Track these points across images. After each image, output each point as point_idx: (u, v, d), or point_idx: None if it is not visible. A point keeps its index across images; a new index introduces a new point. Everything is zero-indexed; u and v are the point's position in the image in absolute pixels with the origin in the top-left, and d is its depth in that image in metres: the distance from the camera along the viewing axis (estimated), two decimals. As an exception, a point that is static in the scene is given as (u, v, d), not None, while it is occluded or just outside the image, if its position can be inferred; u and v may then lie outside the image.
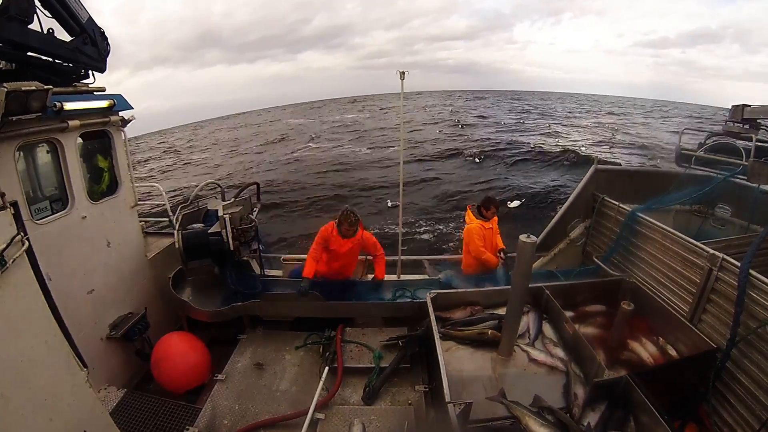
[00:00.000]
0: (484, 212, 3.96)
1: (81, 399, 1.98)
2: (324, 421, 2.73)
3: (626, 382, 2.36)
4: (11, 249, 1.62)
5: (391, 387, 3.06)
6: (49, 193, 2.98)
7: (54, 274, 2.56)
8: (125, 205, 3.57)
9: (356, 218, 3.54)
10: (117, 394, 3.13)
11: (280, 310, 3.68)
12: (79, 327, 2.88)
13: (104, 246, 3.32)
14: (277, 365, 3.30)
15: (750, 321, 2.52)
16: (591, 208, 4.50)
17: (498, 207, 4.02)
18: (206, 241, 3.56)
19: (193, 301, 3.71)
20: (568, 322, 2.93)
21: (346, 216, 3.50)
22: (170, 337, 3.39)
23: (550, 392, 2.52)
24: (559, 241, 4.71)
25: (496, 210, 3.99)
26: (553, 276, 3.95)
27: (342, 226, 3.53)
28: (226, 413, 2.86)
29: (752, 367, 2.47)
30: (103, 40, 3.11)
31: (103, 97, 3.19)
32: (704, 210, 4.85)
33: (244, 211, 3.84)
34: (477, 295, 3.39)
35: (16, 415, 1.64)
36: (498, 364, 2.84)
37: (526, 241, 2.43)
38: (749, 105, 5.18)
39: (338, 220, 3.57)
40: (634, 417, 2.30)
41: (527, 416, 2.26)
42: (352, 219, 3.51)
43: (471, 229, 3.91)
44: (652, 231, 3.57)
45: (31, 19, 2.49)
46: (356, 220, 3.54)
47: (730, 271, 2.71)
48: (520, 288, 2.65)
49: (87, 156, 3.26)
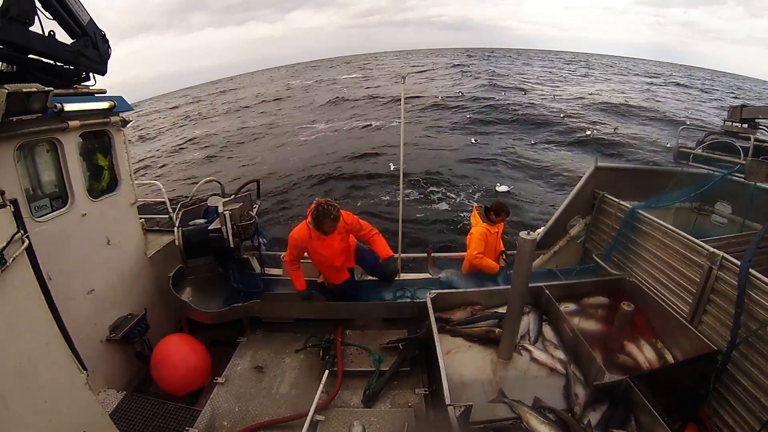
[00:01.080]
0: (492, 217, 3.85)
1: (80, 401, 1.97)
2: (324, 423, 2.72)
3: (626, 384, 2.35)
4: (11, 247, 1.62)
5: (391, 390, 3.05)
6: (49, 191, 2.98)
7: (54, 273, 2.56)
8: (125, 203, 3.57)
9: (336, 207, 3.05)
10: (116, 396, 3.12)
11: (281, 311, 3.67)
12: (79, 329, 2.88)
13: (104, 244, 3.31)
14: (277, 368, 3.29)
15: (750, 322, 2.51)
16: (591, 205, 4.51)
17: (508, 214, 3.91)
18: (206, 239, 3.56)
19: (193, 301, 3.70)
20: (568, 323, 2.92)
21: (324, 212, 2.98)
22: (170, 339, 3.38)
23: (550, 395, 2.51)
24: (559, 239, 4.71)
25: (506, 217, 3.88)
26: (553, 275, 3.95)
27: (323, 225, 3.04)
28: (226, 415, 2.85)
29: (752, 369, 2.47)
30: (104, 42, 3.12)
31: (104, 99, 3.20)
32: (704, 207, 4.87)
33: (245, 207, 3.84)
34: (477, 295, 3.38)
35: (15, 417, 1.63)
36: (498, 367, 2.83)
37: (526, 238, 2.41)
38: (747, 105, 5.22)
39: (315, 220, 3.04)
40: (635, 418, 2.30)
41: (528, 414, 2.26)
42: (333, 212, 2.99)
43: (474, 233, 3.84)
44: (653, 228, 3.57)
45: (32, 22, 2.50)
46: (337, 210, 3.05)
47: (730, 270, 2.70)
48: (521, 287, 2.64)
49: (87, 154, 3.26)
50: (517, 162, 15.75)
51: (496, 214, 3.85)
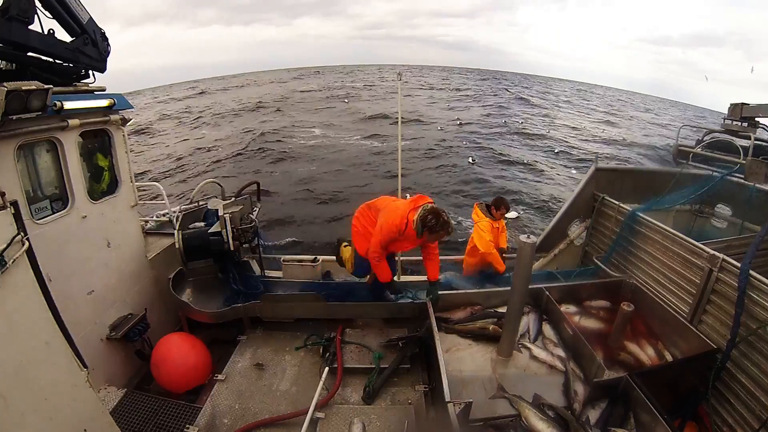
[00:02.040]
0: (494, 211, 3.92)
1: (81, 399, 1.98)
2: (324, 420, 2.73)
3: (626, 382, 2.36)
4: (11, 249, 1.62)
5: (391, 387, 3.06)
6: (50, 193, 2.98)
7: (54, 274, 2.56)
8: (125, 205, 3.56)
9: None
10: (117, 393, 3.13)
11: (281, 311, 3.68)
12: (79, 328, 2.88)
13: (104, 246, 3.31)
14: (277, 366, 3.30)
15: (750, 321, 2.52)
16: (591, 208, 4.51)
17: (508, 209, 3.99)
18: (206, 242, 3.56)
19: (193, 302, 3.71)
20: (567, 321, 2.93)
21: (444, 224, 2.88)
22: (170, 338, 3.38)
23: (549, 392, 2.52)
24: (559, 242, 4.72)
25: (506, 211, 3.96)
26: (553, 277, 3.96)
27: (437, 233, 2.89)
28: (226, 412, 2.87)
29: (752, 368, 2.48)
30: (103, 40, 3.11)
31: (104, 97, 3.19)
32: (704, 210, 4.87)
33: (245, 210, 3.84)
34: (477, 295, 3.40)
35: (16, 415, 1.64)
36: (498, 365, 2.85)
37: (526, 241, 2.43)
38: (748, 104, 5.19)
39: (430, 225, 2.85)
40: (634, 415, 2.31)
41: (528, 410, 2.27)
42: (448, 229, 2.91)
43: (480, 225, 3.88)
44: (652, 231, 3.57)
45: (32, 20, 2.49)
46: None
47: (730, 272, 2.71)
48: (520, 289, 2.65)
49: (87, 155, 3.25)
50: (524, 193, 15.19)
51: (497, 208, 3.91)
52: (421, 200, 3.01)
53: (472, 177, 15.79)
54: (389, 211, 3.01)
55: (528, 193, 14.18)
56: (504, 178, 16.06)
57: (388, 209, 3.05)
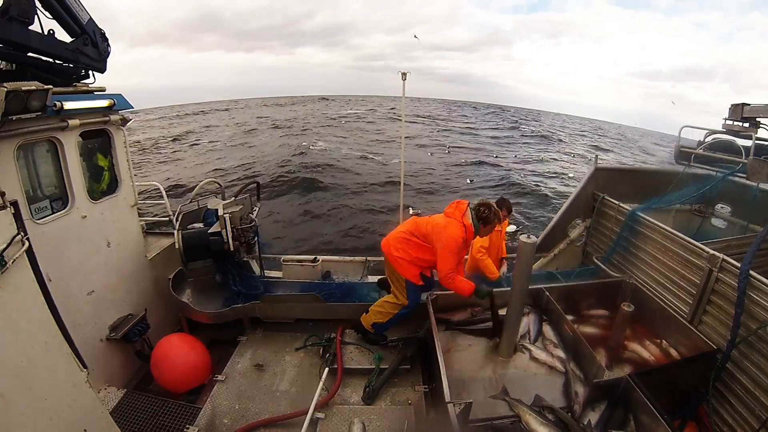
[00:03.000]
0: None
1: (81, 399, 1.98)
2: (324, 420, 2.74)
3: (626, 382, 2.36)
4: (11, 249, 1.62)
5: (391, 387, 3.07)
6: (50, 193, 2.98)
7: (54, 274, 2.56)
8: (125, 205, 3.56)
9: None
10: (117, 394, 3.12)
11: (281, 311, 3.68)
12: (79, 328, 2.89)
13: (104, 246, 3.31)
14: (277, 366, 3.30)
15: (750, 322, 2.52)
16: (591, 207, 4.50)
17: (510, 210, 3.83)
18: (206, 242, 3.55)
19: (193, 302, 3.71)
20: (568, 323, 2.93)
21: (496, 214, 3.03)
22: (170, 338, 3.38)
23: (550, 393, 2.52)
24: (559, 242, 4.71)
25: (508, 213, 3.78)
26: (553, 277, 3.95)
27: (491, 223, 3.03)
28: (226, 412, 2.87)
29: (752, 368, 2.48)
30: (103, 41, 3.11)
31: (104, 97, 3.19)
32: (704, 209, 4.85)
33: (245, 210, 3.83)
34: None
35: (16, 416, 1.64)
36: (498, 365, 2.84)
37: (526, 241, 2.43)
38: (749, 104, 5.17)
39: (486, 217, 2.98)
40: (634, 416, 2.31)
41: (528, 414, 2.27)
42: (501, 214, 3.13)
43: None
44: (653, 231, 3.57)
45: (32, 21, 2.49)
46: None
47: (730, 272, 2.71)
48: (521, 289, 2.65)
49: (87, 154, 3.25)
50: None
51: (498, 208, 3.81)
52: (462, 204, 3.01)
53: (471, 194, 15.87)
54: (442, 228, 2.93)
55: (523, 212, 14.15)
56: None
57: (438, 228, 2.96)
